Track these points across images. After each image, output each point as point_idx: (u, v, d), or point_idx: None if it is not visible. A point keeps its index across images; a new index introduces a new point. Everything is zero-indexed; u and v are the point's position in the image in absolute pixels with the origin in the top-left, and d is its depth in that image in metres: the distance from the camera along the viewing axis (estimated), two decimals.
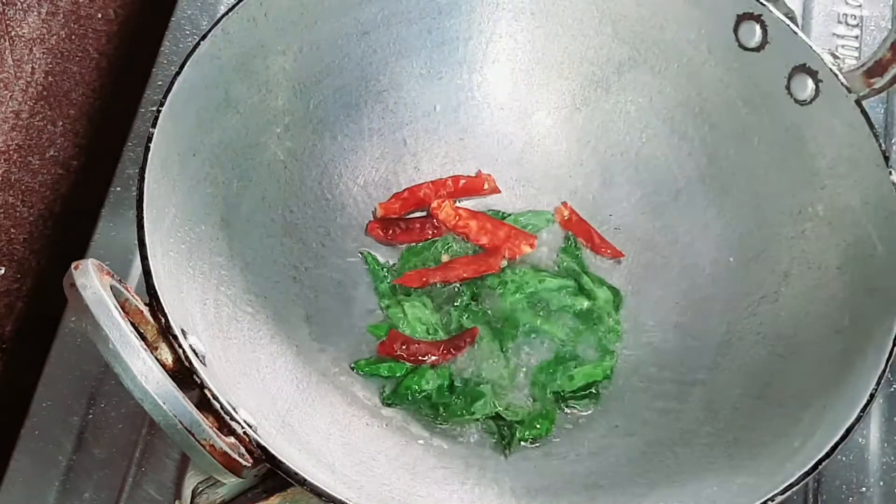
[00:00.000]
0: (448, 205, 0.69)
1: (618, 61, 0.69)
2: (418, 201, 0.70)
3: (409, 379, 0.63)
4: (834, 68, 0.60)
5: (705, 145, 0.67)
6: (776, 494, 0.49)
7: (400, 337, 0.64)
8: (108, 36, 0.82)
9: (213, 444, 0.45)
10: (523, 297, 0.66)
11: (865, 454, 0.65)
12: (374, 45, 0.67)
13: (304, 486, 0.47)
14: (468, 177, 0.71)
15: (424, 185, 0.70)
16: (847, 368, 0.55)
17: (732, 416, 0.59)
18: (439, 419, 0.62)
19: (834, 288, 0.59)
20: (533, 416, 0.63)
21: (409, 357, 0.64)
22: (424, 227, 0.69)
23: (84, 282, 0.44)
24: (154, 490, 0.62)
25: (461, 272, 0.67)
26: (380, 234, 0.68)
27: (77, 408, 0.65)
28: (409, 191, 0.70)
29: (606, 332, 0.66)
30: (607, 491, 0.58)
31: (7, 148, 0.68)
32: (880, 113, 0.78)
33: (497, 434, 0.62)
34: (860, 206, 0.59)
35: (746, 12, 0.63)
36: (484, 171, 0.71)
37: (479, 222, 0.69)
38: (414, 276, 0.67)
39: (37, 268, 0.74)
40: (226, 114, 0.60)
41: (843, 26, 0.83)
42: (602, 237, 0.69)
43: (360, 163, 0.69)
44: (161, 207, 0.54)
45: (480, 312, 0.66)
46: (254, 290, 0.61)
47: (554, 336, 0.66)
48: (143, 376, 0.44)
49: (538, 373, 0.64)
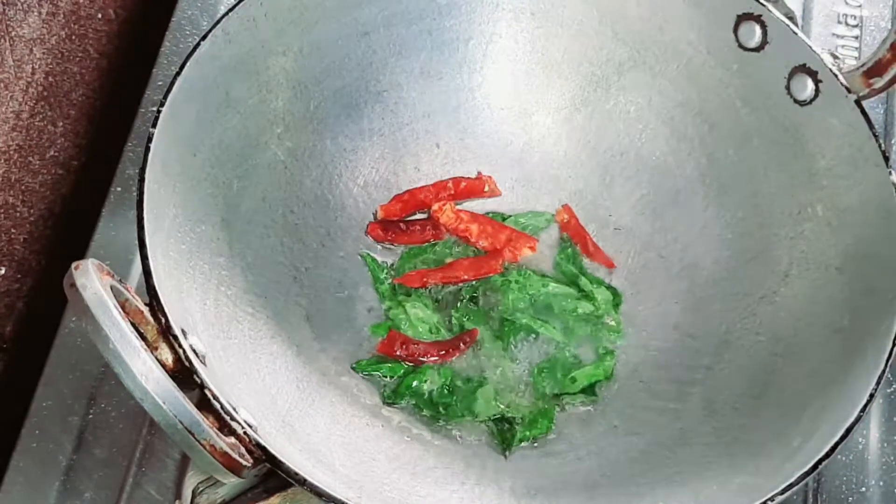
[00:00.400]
0: (449, 207, 0.69)
1: (617, 62, 0.69)
2: (419, 203, 0.70)
3: (409, 378, 0.63)
4: (834, 68, 0.60)
5: (705, 145, 0.67)
6: (776, 494, 0.49)
7: (399, 337, 0.65)
8: (109, 36, 0.82)
9: (214, 444, 0.45)
10: (525, 298, 0.67)
11: (865, 454, 0.65)
12: (374, 46, 0.67)
13: (305, 485, 0.47)
14: (469, 178, 0.71)
15: (425, 187, 0.70)
16: (846, 369, 0.55)
17: (732, 415, 0.59)
18: (440, 419, 0.62)
19: (833, 288, 0.59)
20: (534, 414, 0.63)
21: (408, 357, 0.64)
22: (424, 230, 0.69)
23: (84, 282, 0.44)
24: (154, 490, 0.62)
25: (462, 274, 0.67)
26: (380, 235, 0.68)
27: (77, 408, 0.65)
28: (410, 193, 0.70)
29: (608, 332, 0.66)
30: (607, 490, 0.58)
31: (7, 148, 0.68)
32: (880, 113, 0.78)
33: (497, 434, 0.62)
34: (860, 207, 0.59)
35: (746, 12, 0.63)
36: (484, 173, 0.71)
37: (481, 225, 0.69)
38: (415, 276, 0.67)
39: (37, 268, 0.74)
40: (226, 114, 0.61)
41: (842, 26, 0.83)
42: (596, 244, 0.69)
43: (361, 163, 0.69)
44: (161, 208, 0.54)
45: (482, 313, 0.66)
46: (254, 291, 0.61)
47: (554, 337, 0.66)
48: (144, 376, 0.44)
49: (538, 374, 0.64)
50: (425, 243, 0.69)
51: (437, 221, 0.69)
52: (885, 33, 0.59)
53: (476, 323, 0.66)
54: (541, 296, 0.67)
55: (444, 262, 0.68)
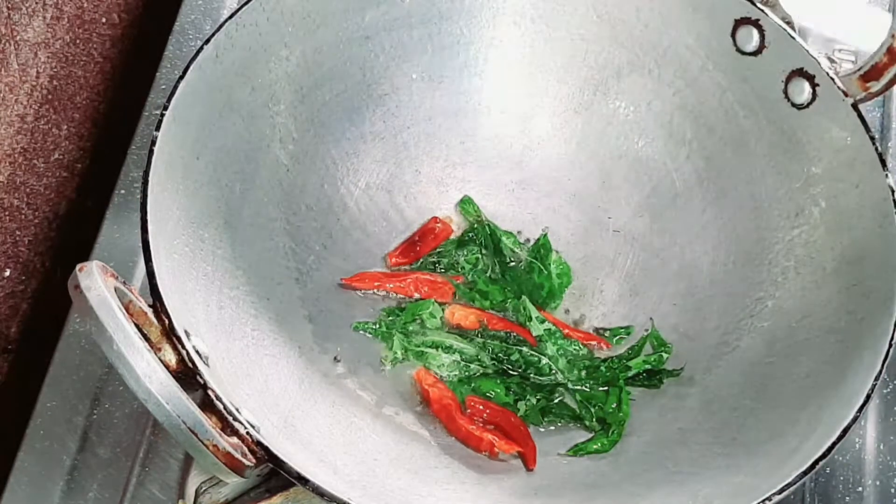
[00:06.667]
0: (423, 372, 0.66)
1: (616, 66, 0.69)
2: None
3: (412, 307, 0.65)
4: (830, 72, 0.60)
5: (703, 148, 0.68)
6: (773, 494, 0.49)
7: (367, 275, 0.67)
8: (113, 40, 0.82)
9: (217, 445, 0.46)
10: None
11: (862, 454, 0.65)
12: (375, 50, 0.68)
13: (306, 485, 0.47)
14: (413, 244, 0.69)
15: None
16: (843, 370, 0.55)
17: (730, 416, 0.59)
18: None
19: (830, 290, 0.59)
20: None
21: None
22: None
23: (88, 283, 0.45)
24: (158, 489, 0.63)
25: (412, 290, 0.67)
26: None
27: (81, 408, 0.65)
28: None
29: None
30: (606, 490, 0.58)
31: (12, 151, 0.68)
32: (877, 117, 0.79)
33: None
34: (857, 209, 0.59)
35: (744, 17, 0.63)
36: (484, 176, 0.71)
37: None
38: (367, 276, 0.67)
39: (42, 270, 0.75)
40: (229, 118, 0.61)
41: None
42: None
43: (362, 166, 0.70)
44: (165, 210, 0.54)
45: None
46: (256, 292, 0.61)
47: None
48: (147, 377, 0.44)
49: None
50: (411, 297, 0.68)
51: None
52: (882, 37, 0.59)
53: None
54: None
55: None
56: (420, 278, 0.68)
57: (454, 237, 0.70)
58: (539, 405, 0.63)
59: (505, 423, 0.62)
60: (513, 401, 0.64)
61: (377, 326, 0.65)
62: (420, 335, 0.65)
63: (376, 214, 0.70)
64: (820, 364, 0.57)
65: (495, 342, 0.65)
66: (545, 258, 0.69)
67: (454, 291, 0.68)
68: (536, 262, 0.69)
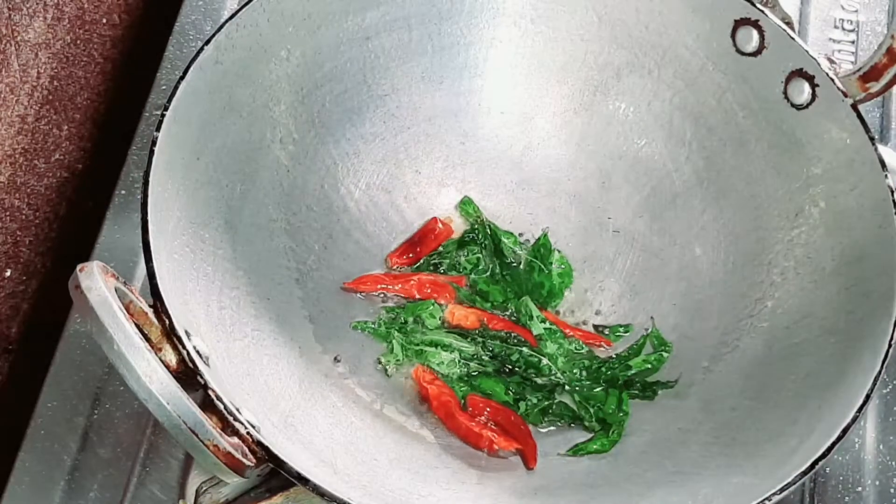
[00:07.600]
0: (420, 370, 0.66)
1: (616, 66, 0.69)
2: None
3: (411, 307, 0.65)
4: (830, 73, 0.60)
5: (703, 149, 0.68)
6: (773, 494, 0.49)
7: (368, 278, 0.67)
8: (113, 41, 0.82)
9: (217, 445, 0.46)
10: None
11: (861, 454, 0.65)
12: (375, 51, 0.68)
13: (307, 485, 0.47)
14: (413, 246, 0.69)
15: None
16: (843, 370, 0.55)
17: (730, 416, 0.60)
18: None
19: (830, 290, 0.60)
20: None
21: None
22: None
23: (89, 284, 0.45)
24: (158, 489, 0.63)
25: (415, 292, 0.67)
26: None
27: (82, 408, 0.65)
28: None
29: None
30: (605, 490, 0.58)
31: (13, 151, 0.69)
32: (876, 117, 0.79)
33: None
34: (856, 209, 0.59)
35: (744, 17, 0.63)
36: (484, 176, 0.71)
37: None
38: (369, 279, 0.67)
39: (42, 270, 0.75)
40: (229, 118, 0.61)
41: (839, 31, 0.83)
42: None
43: (362, 166, 0.70)
44: (165, 210, 0.54)
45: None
46: (257, 292, 0.61)
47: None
48: (148, 377, 0.44)
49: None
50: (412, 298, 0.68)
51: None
52: (882, 38, 0.59)
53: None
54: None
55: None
56: (423, 280, 0.68)
57: (454, 238, 0.70)
58: (539, 405, 0.63)
59: (506, 422, 0.62)
60: (513, 400, 0.64)
61: (377, 326, 0.66)
62: (420, 334, 0.65)
63: (376, 215, 0.70)
64: (819, 364, 0.57)
65: (495, 342, 0.65)
66: (546, 257, 0.69)
67: (456, 293, 0.68)
68: (536, 262, 0.69)
